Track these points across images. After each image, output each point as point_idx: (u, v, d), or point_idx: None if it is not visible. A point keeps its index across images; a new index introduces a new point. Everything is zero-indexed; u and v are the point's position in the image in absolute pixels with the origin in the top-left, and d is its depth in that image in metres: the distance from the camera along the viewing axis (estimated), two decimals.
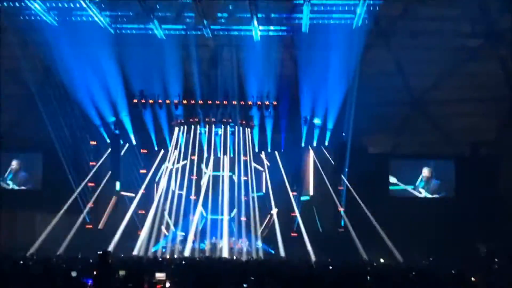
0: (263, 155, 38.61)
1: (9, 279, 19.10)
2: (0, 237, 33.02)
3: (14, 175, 38.07)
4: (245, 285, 14.61)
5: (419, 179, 38.22)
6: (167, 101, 36.03)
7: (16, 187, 38.09)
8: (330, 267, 23.18)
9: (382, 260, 31.72)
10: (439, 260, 30.09)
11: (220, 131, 37.40)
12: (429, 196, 38.16)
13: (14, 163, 37.86)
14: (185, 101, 36.10)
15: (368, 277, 19.29)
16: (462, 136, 37.24)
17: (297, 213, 37.30)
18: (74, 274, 19.57)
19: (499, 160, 36.24)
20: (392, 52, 34.13)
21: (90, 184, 37.11)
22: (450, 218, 35.07)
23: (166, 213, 37.79)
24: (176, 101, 35.94)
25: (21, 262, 25.22)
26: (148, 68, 34.22)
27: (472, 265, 27.56)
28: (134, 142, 37.49)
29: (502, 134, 35.77)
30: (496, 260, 30.29)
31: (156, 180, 38.07)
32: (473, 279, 19.31)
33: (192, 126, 37.37)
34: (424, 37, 32.72)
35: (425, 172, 38.17)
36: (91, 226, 36.72)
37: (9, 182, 38.06)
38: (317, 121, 36.45)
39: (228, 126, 37.18)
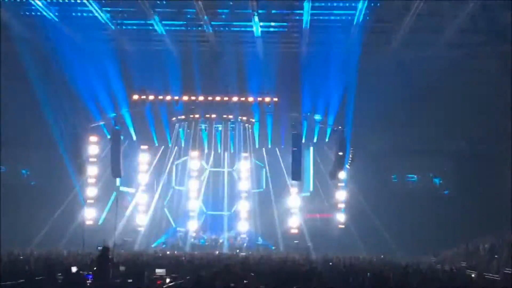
0: (263, 151, 38.60)
1: (10, 274, 19.18)
2: (2, 231, 33.07)
3: None
4: (245, 281, 14.62)
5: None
6: (168, 97, 35.90)
7: None
8: (330, 263, 23.23)
9: (382, 256, 31.76)
10: (440, 256, 30.20)
11: (221, 127, 37.38)
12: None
13: None
14: (185, 97, 35.99)
15: (368, 274, 19.34)
16: (461, 132, 37.34)
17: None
18: (74, 269, 19.66)
19: (498, 156, 36.19)
20: (393, 49, 33.93)
21: (90, 180, 37.12)
22: (449, 214, 35.20)
23: (166, 209, 37.94)
24: (176, 97, 35.83)
25: (21, 257, 25.35)
26: (148, 64, 34.12)
27: (472, 261, 27.69)
28: (134, 138, 37.43)
29: (500, 129, 35.73)
30: (496, 256, 30.36)
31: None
32: (472, 275, 19.42)
33: (193, 122, 37.35)
34: (424, 35, 32.54)
35: None
36: (91, 222, 36.65)
37: None
38: (317, 117, 36.39)
39: (229, 122, 37.16)
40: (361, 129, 36.43)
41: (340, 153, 35.78)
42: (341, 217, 37.51)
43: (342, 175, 37.05)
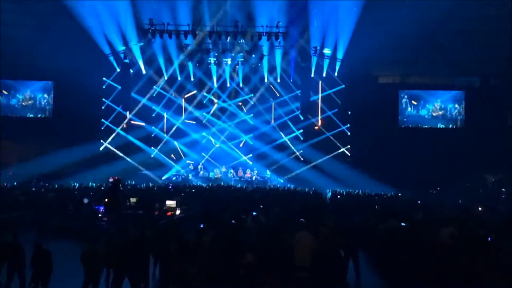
0: (272, 86, 38.47)
1: (23, 206, 19.59)
2: (12, 165, 33.57)
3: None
4: (254, 213, 14.85)
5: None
6: (177, 30, 35.44)
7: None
8: (339, 196, 23.52)
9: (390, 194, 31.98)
10: (446, 190, 30.40)
11: (230, 60, 37.10)
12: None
13: None
14: (194, 30, 35.51)
15: (376, 206, 19.59)
16: (472, 68, 36.94)
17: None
18: (86, 200, 20.05)
19: (508, 91, 35.93)
20: None
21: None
22: (458, 148, 35.21)
23: (176, 142, 38.19)
24: (185, 30, 35.35)
25: (34, 189, 25.80)
26: None
27: (479, 195, 27.90)
28: (143, 71, 37.29)
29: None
30: (503, 189, 30.62)
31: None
32: (479, 208, 19.61)
33: (202, 56, 37.08)
34: None
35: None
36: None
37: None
38: (327, 51, 36.04)
39: (238, 56, 36.84)
40: (370, 63, 36.25)
41: None
42: (347, 153, 37.60)
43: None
